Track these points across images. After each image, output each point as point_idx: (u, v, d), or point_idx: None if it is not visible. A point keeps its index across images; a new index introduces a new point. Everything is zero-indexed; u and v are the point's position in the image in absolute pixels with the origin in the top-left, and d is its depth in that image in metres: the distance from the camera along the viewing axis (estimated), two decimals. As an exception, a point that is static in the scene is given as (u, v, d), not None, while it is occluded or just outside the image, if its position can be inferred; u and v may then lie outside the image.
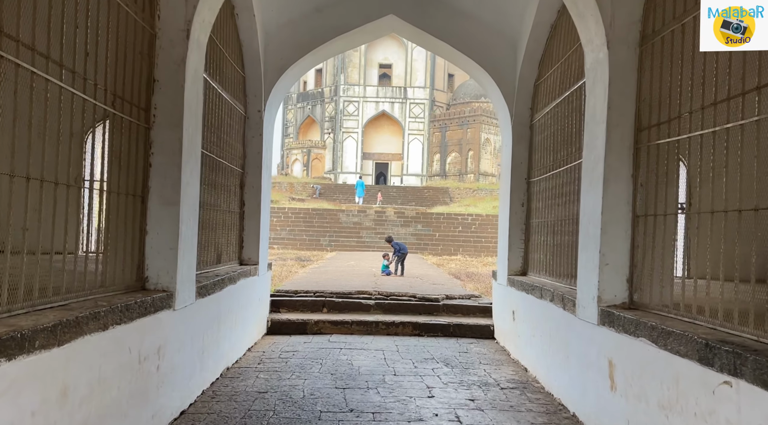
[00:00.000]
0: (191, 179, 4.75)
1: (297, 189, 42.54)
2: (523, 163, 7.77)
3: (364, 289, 9.92)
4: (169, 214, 4.46)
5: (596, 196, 4.56)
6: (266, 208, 8.06)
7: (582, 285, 4.79)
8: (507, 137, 8.03)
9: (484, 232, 26.89)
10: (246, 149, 7.70)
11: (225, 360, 6.12)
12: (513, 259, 7.73)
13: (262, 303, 8.01)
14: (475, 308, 9.10)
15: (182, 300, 4.59)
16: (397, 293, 9.60)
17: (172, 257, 4.45)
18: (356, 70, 59.05)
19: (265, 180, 7.89)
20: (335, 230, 27.23)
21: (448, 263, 20.39)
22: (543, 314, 5.97)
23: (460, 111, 57.00)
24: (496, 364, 6.82)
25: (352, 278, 12.20)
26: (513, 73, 7.78)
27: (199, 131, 4.97)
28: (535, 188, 7.54)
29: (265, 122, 7.81)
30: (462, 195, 42.87)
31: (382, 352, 7.23)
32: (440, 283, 12.04)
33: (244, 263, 7.64)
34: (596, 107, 4.70)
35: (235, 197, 7.42)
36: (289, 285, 10.48)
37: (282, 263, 16.81)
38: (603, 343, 4.33)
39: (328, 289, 9.79)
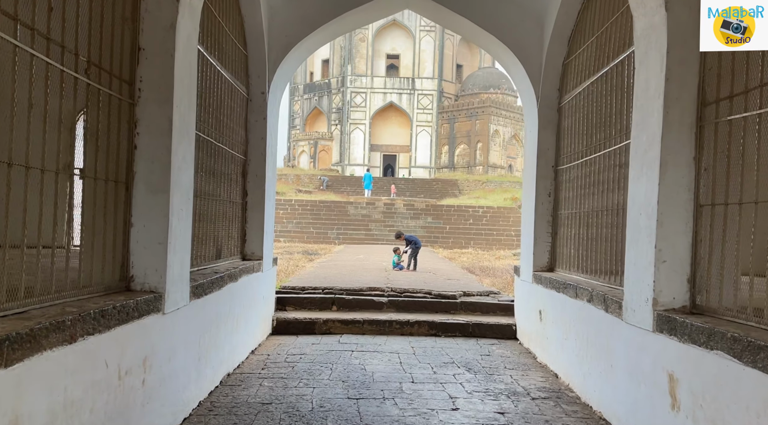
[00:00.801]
0: (183, 164, 4.16)
1: (304, 181, 42.03)
2: (549, 149, 7.13)
3: (375, 285, 9.33)
4: (158, 203, 3.87)
5: (650, 182, 3.93)
6: (271, 198, 7.47)
7: (631, 285, 4.17)
8: (532, 122, 7.38)
9: (495, 225, 26.24)
10: (249, 135, 7.10)
11: (225, 366, 5.55)
12: (539, 254, 7.11)
13: (266, 301, 7.44)
14: (495, 306, 8.49)
15: (174, 302, 4.01)
16: (411, 290, 9.01)
17: (161, 253, 3.87)
18: (363, 60, 58.29)
19: (269, 168, 7.29)
20: (343, 222, 26.66)
21: (459, 257, 19.77)
22: (578, 315, 5.35)
23: (468, 102, 56.16)
24: (522, 369, 6.22)
25: (363, 274, 11.62)
26: (539, 52, 7.13)
27: (192, 110, 4.38)
28: (563, 177, 6.90)
29: (269, 105, 7.20)
30: (471, 187, 42.21)
31: (397, 355, 6.64)
32: (455, 278, 11.44)
33: (247, 258, 7.07)
34: (650, 80, 4.05)
35: (237, 187, 6.83)
36: (295, 281, 9.91)
37: (289, 257, 16.26)
38: (660, 353, 3.71)
39: (338, 285, 9.21)
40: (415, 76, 58.18)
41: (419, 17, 58.25)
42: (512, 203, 28.31)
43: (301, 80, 62.43)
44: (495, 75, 59.86)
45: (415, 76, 58.18)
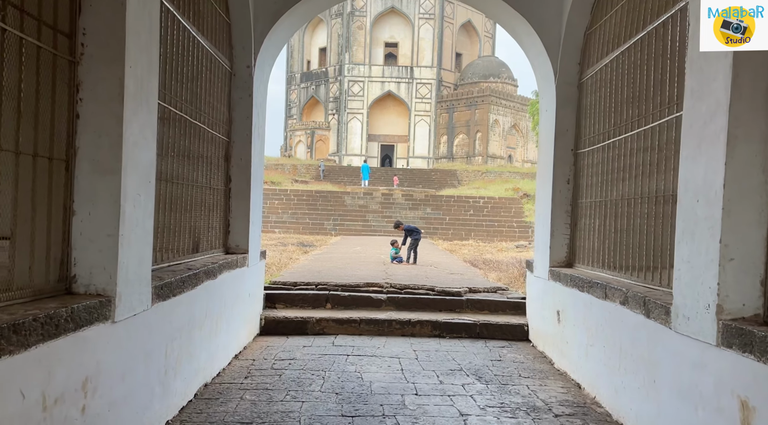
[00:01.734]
0: (141, 139, 3.41)
1: (300, 171, 41.28)
2: (569, 131, 6.39)
3: (373, 280, 8.61)
4: (107, 186, 3.13)
5: (713, 162, 3.20)
6: (258, 185, 6.72)
7: (684, 288, 3.45)
8: (548, 100, 6.64)
9: (496, 216, 25.53)
10: (232, 113, 6.34)
11: (202, 375, 4.84)
12: (556, 247, 6.39)
13: (253, 299, 6.71)
14: (504, 303, 7.78)
15: (128, 307, 3.28)
16: (412, 286, 8.29)
17: (111, 247, 3.13)
18: (361, 48, 57.35)
19: (256, 152, 6.54)
20: (340, 213, 25.92)
21: (460, 249, 19.07)
22: (608, 319, 4.64)
23: (468, 91, 55.33)
24: (539, 377, 5.52)
25: (359, 267, 10.89)
26: (558, 21, 6.37)
27: (154, 74, 3.62)
28: (585, 161, 6.16)
29: (256, 81, 6.44)
30: (470, 178, 41.54)
31: (397, 360, 5.94)
32: (458, 272, 10.73)
33: (231, 251, 6.33)
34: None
35: (219, 171, 6.08)
36: (287, 275, 9.18)
37: (282, 249, 15.52)
38: (728, 374, 3.00)
39: (333, 280, 8.48)
40: (414, 64, 57.29)
41: (418, 4, 57.29)
42: (514, 193, 27.60)
43: (298, 69, 61.51)
44: (495, 64, 58.94)
45: (414, 64, 57.29)
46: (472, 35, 62.14)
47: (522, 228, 24.42)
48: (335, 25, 58.23)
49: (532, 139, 57.93)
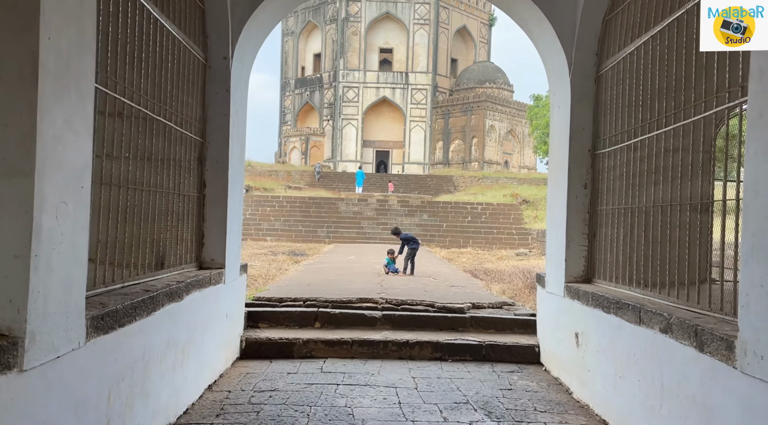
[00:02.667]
0: (68, 133, 2.68)
1: (295, 177, 40.58)
2: (585, 129, 5.70)
3: (367, 295, 7.86)
4: (13, 192, 2.40)
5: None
6: (237, 191, 5.99)
7: (755, 318, 2.74)
8: (561, 96, 5.94)
9: (495, 222, 24.84)
10: (207, 110, 5.62)
11: (164, 416, 4.08)
12: (572, 260, 5.67)
13: (231, 320, 5.96)
14: (511, 321, 7.06)
15: (46, 348, 2.54)
16: (410, 302, 7.55)
17: (19, 273, 2.40)
18: (356, 54, 56.89)
19: (234, 154, 5.81)
20: (334, 220, 25.18)
21: (459, 257, 18.34)
22: (645, 349, 3.92)
23: (463, 97, 54.86)
24: (558, 412, 4.79)
25: (353, 278, 10.15)
26: (572, 7, 5.69)
27: (88, 52, 2.89)
28: (605, 163, 5.47)
29: (234, 74, 5.72)
30: (467, 184, 40.93)
31: (394, 390, 5.20)
32: (459, 284, 10.00)
33: (205, 266, 5.59)
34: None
35: (191, 176, 5.35)
36: (274, 290, 8.42)
37: (272, 258, 14.75)
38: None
39: (322, 295, 7.73)
40: (409, 70, 56.87)
41: (413, 10, 56.87)
42: (512, 199, 26.94)
43: (292, 75, 61.01)
44: (491, 69, 58.54)
45: (409, 70, 56.87)
46: (468, 41, 61.82)
47: (522, 235, 23.73)
48: (330, 30, 57.82)
49: (528, 144, 57.46)
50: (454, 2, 58.65)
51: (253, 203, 25.68)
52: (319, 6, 58.47)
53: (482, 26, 62.39)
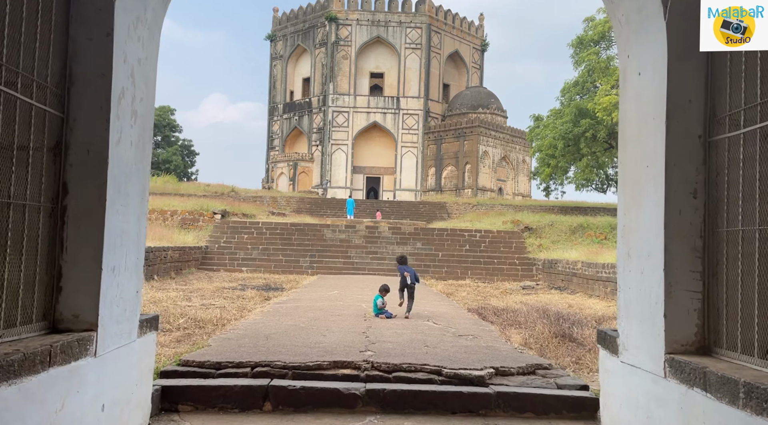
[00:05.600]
0: None
1: (281, 203, 38.41)
2: (693, 103, 3.53)
3: (346, 356, 5.52)
4: None
5: None
6: (129, 201, 3.70)
7: None
8: (647, 54, 3.80)
9: (495, 251, 22.61)
10: (72, 66, 3.39)
11: None
12: (676, 315, 3.43)
13: (117, 411, 3.62)
14: (556, 400, 4.74)
15: None
16: (407, 367, 5.24)
17: None
18: (346, 79, 55.53)
19: (124, 139, 3.57)
20: (318, 248, 22.83)
21: (458, 291, 16.03)
22: None
23: (456, 122, 53.37)
24: None
25: (330, 325, 7.80)
26: None
27: None
28: (731, 156, 3.29)
29: (122, 11, 3.52)
30: (461, 211, 38.98)
31: None
32: (468, 333, 7.68)
33: (63, 327, 3.29)
34: None
35: (38, 174, 3.10)
36: (217, 345, 6.05)
37: (238, 295, 12.34)
38: None
39: (282, 355, 5.41)
40: (400, 95, 55.52)
41: (405, 34, 55.71)
42: (513, 226, 24.79)
43: (280, 100, 59.47)
44: (483, 94, 57.25)
45: (400, 95, 55.52)
46: (460, 66, 60.77)
47: (525, 265, 21.49)
48: (319, 54, 56.57)
49: (523, 171, 55.87)
50: (446, 27, 57.75)
51: (229, 229, 23.34)
52: (309, 30, 57.36)
53: (475, 51, 61.52)
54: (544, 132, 24.73)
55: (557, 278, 19.02)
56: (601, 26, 21.84)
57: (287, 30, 59.54)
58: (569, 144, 23.05)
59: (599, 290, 15.65)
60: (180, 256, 18.68)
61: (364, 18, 55.90)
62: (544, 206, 37.19)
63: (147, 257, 16.26)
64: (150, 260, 16.51)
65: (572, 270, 17.76)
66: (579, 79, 23.62)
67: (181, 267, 18.78)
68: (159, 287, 13.61)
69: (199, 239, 22.04)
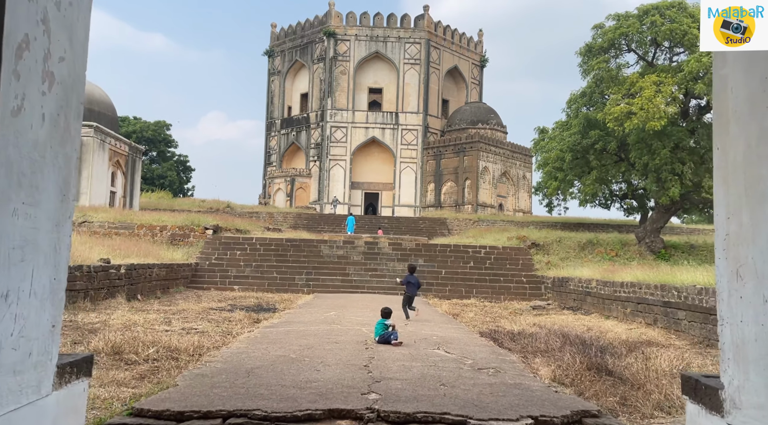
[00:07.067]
0: None
1: (277, 219, 37.37)
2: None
3: (344, 401, 4.39)
4: None
5: None
6: (40, 194, 2.62)
7: None
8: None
9: (501, 268, 21.47)
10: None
11: None
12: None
13: None
14: (622, 464, 3.62)
15: None
16: (422, 417, 4.09)
17: None
18: (344, 94, 54.91)
19: (30, 109, 2.51)
20: (314, 265, 21.68)
21: (464, 312, 14.87)
22: None
23: (456, 137, 52.59)
24: None
25: (326, 356, 6.66)
26: None
27: None
28: None
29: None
30: (461, 227, 37.94)
31: None
32: (488, 365, 6.54)
33: None
34: None
35: None
36: (185, 384, 4.90)
37: (225, 316, 11.17)
38: None
39: (264, 398, 4.28)
40: (399, 110, 54.83)
41: (404, 50, 55.19)
42: (519, 242, 23.68)
43: (278, 115, 58.76)
44: (483, 110, 56.56)
45: (399, 110, 54.83)
46: (459, 82, 60.25)
47: (534, 284, 20.35)
48: (317, 70, 56.03)
49: (523, 187, 54.96)
50: (446, 42, 57.31)
51: (221, 245, 22.20)
52: (307, 45, 56.93)
53: (474, 67, 61.07)
54: (550, 144, 23.80)
55: (569, 297, 17.89)
56: (611, 33, 21.02)
57: (285, 45, 59.12)
58: (577, 156, 22.08)
59: (617, 310, 14.52)
60: (167, 274, 17.51)
61: (363, 33, 55.47)
62: (548, 222, 36.16)
63: (130, 276, 15.08)
64: (133, 278, 15.34)
65: (586, 289, 16.64)
66: (586, 89, 22.76)
67: (168, 286, 17.60)
68: (139, 308, 12.44)
69: (189, 255, 20.89)
